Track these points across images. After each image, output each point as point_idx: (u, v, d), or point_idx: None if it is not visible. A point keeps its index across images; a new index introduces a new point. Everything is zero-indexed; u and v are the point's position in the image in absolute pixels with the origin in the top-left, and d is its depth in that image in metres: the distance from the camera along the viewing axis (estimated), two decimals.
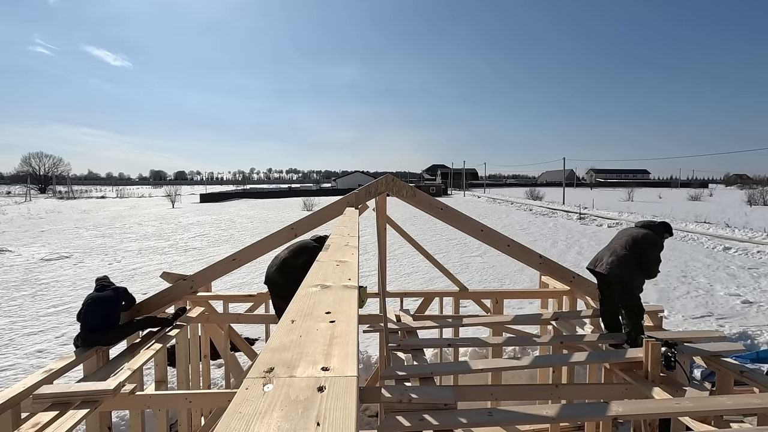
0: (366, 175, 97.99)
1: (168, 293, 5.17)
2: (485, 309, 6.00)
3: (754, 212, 35.69)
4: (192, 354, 5.48)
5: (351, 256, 2.08)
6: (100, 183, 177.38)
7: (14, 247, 18.78)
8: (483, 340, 4.81)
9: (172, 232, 24.57)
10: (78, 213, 37.92)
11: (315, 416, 0.70)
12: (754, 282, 12.72)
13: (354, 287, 1.51)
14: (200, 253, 17.65)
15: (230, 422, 0.69)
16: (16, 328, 8.93)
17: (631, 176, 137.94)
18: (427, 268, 13.22)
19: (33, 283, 12.74)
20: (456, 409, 2.79)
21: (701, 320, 9.37)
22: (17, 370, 6.98)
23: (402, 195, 5.42)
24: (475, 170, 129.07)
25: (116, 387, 3.34)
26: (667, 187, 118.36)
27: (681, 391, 3.29)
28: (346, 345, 1.00)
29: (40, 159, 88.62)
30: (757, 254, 16.88)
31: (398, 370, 3.47)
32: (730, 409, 2.90)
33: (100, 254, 17.43)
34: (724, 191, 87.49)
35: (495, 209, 41.60)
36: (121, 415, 5.33)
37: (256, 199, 59.16)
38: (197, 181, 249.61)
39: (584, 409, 3.46)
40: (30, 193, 68.33)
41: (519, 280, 12.72)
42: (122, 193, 76.89)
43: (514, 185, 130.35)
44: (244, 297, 5.97)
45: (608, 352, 4.07)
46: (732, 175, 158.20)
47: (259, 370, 0.88)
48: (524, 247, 5.53)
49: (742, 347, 4.19)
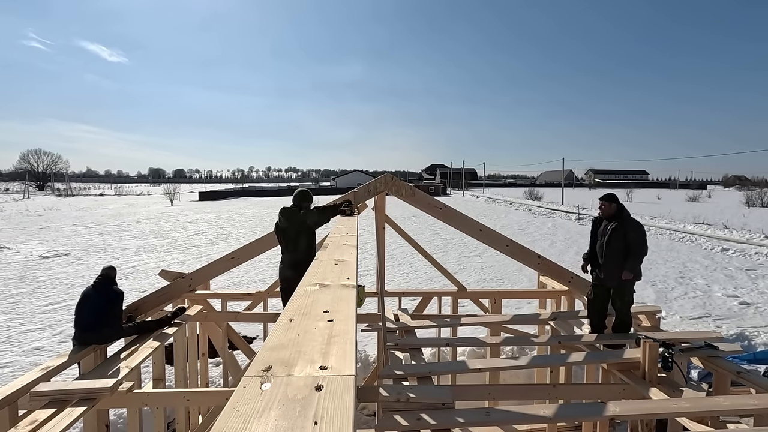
0: (365, 174, 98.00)
1: (166, 291, 5.17)
2: (483, 309, 6.01)
3: (752, 213, 35.78)
4: (190, 352, 5.47)
5: (349, 255, 2.08)
6: (98, 180, 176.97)
7: (12, 245, 18.74)
8: (481, 340, 4.82)
9: (171, 230, 24.53)
10: (76, 210, 37.85)
11: (313, 415, 0.70)
12: (752, 283, 12.75)
13: (352, 286, 1.51)
14: (199, 251, 17.63)
15: (228, 421, 0.69)
16: (13, 326, 8.91)
17: (629, 177, 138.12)
18: (425, 268, 13.22)
19: (31, 281, 12.71)
20: (453, 408, 2.79)
21: (699, 321, 9.39)
22: (15, 368, 6.97)
23: (401, 194, 5.43)
24: (474, 170, 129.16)
25: (114, 385, 3.33)
26: (665, 187, 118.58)
27: (678, 392, 3.29)
28: (344, 344, 1.00)
29: (39, 156, 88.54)
30: (754, 255, 16.92)
31: (396, 369, 3.47)
32: (727, 410, 2.90)
33: (99, 252, 17.40)
34: (723, 192, 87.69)
35: (494, 209, 41.63)
36: (118, 413, 5.32)
37: (255, 198, 59.14)
38: (196, 179, 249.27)
39: (581, 409, 3.47)
40: (28, 191, 68.18)
41: (517, 280, 12.73)
42: (121, 191, 76.76)
43: (513, 185, 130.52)
44: (242, 295, 5.97)
45: (606, 353, 4.08)
46: (730, 176, 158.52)
47: (257, 368, 0.88)
48: (523, 247, 5.54)
49: (739, 348, 4.20)
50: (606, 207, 4.48)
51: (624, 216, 4.43)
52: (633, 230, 4.35)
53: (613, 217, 4.45)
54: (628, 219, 4.43)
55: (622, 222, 4.39)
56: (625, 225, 4.37)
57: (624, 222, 4.39)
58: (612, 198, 4.50)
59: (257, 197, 60.54)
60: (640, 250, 4.32)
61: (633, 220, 4.46)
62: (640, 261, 4.35)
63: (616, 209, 4.45)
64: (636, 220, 4.50)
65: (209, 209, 39.58)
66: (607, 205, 4.48)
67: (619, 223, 4.38)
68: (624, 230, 4.34)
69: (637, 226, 4.40)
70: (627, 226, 4.37)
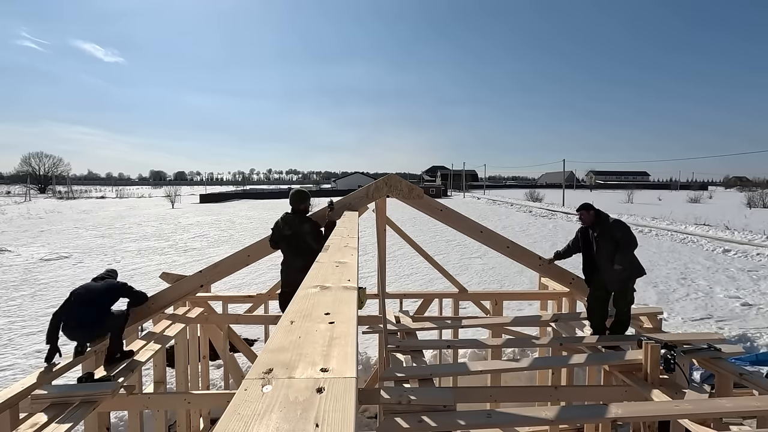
0: (366, 176, 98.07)
1: (181, 285, 5.08)
2: (485, 310, 6.00)
3: (754, 215, 35.69)
4: (191, 354, 5.47)
5: (350, 257, 2.08)
6: (99, 183, 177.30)
7: (14, 247, 18.76)
8: (482, 342, 4.81)
9: (172, 232, 24.55)
10: (77, 213, 37.89)
11: (314, 417, 0.70)
12: (754, 284, 12.72)
13: (353, 288, 1.51)
14: (200, 253, 17.64)
15: (229, 423, 0.69)
16: (15, 328, 8.91)
17: (630, 178, 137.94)
18: (426, 270, 13.20)
19: (32, 283, 12.72)
20: (455, 410, 2.78)
21: (701, 322, 9.36)
22: (16, 370, 6.97)
23: (400, 192, 5.38)
24: (474, 172, 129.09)
25: (115, 387, 3.34)
26: (666, 189, 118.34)
27: (680, 394, 3.29)
28: (345, 346, 1.00)
29: (40, 159, 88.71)
30: (756, 256, 16.87)
31: (397, 371, 3.46)
32: (730, 412, 2.90)
33: (100, 254, 17.41)
34: (724, 193, 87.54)
35: (495, 211, 41.61)
36: (119, 416, 5.31)
37: (256, 200, 59.17)
38: (197, 181, 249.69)
39: (583, 411, 3.46)
40: (29, 193, 68.28)
41: (518, 281, 12.71)
42: (122, 194, 76.80)
43: (513, 187, 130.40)
44: (243, 298, 5.97)
45: (608, 354, 4.07)
46: (731, 177, 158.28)
47: (258, 371, 0.88)
48: (524, 249, 5.53)
49: (741, 350, 4.19)
50: (585, 215, 4.65)
51: (603, 219, 4.59)
52: (617, 230, 4.49)
53: (595, 224, 4.60)
54: (607, 222, 4.57)
55: (604, 227, 4.54)
56: (609, 228, 4.52)
57: (606, 226, 4.54)
58: (588, 206, 4.68)
59: (258, 199, 60.57)
60: (628, 245, 4.42)
61: (614, 221, 4.61)
62: (630, 253, 4.43)
63: (595, 216, 4.61)
64: (616, 219, 4.66)
65: (210, 211, 39.61)
66: (585, 214, 4.65)
67: (602, 229, 4.54)
68: (609, 233, 4.49)
69: (619, 225, 4.55)
70: (611, 229, 4.51)
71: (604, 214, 4.64)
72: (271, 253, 5.27)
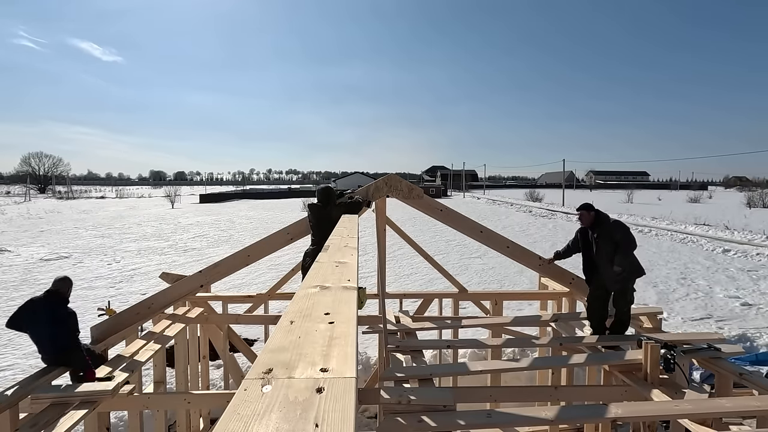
0: (366, 176, 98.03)
1: (181, 285, 5.09)
2: (485, 310, 6.00)
3: (754, 214, 35.70)
4: (191, 355, 5.47)
5: (350, 257, 2.07)
6: (99, 183, 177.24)
7: (13, 247, 18.76)
8: (482, 342, 4.81)
9: (172, 232, 24.55)
10: (77, 213, 37.89)
11: (314, 417, 0.70)
12: (754, 284, 12.72)
13: (353, 288, 1.51)
14: (200, 253, 17.64)
15: (228, 423, 0.69)
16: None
17: (630, 178, 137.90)
18: (426, 270, 13.20)
19: (32, 284, 12.72)
20: (455, 410, 2.78)
21: (700, 322, 9.36)
22: (16, 371, 6.97)
23: (400, 192, 5.39)
24: (474, 171, 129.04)
25: (115, 387, 3.34)
26: (666, 188, 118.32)
27: (680, 393, 3.29)
28: (345, 346, 1.00)
29: (40, 159, 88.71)
30: (756, 256, 16.88)
31: (397, 371, 3.46)
32: (729, 412, 2.90)
33: (100, 254, 17.41)
34: (724, 193, 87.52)
35: (495, 211, 41.62)
36: (119, 416, 5.31)
37: (256, 200, 59.13)
38: (197, 181, 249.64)
39: (583, 411, 3.46)
40: (29, 193, 68.26)
41: (518, 281, 12.72)
42: (122, 194, 76.75)
43: (513, 186, 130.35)
44: (243, 298, 5.97)
45: (607, 354, 4.07)
46: (731, 177, 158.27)
47: (258, 371, 0.88)
48: (524, 249, 5.53)
49: (741, 350, 4.19)
50: (585, 216, 4.62)
51: (603, 220, 4.57)
52: (616, 231, 4.48)
53: (594, 225, 4.59)
54: (607, 223, 4.56)
55: (604, 228, 4.53)
56: (608, 229, 4.51)
57: (606, 227, 4.53)
58: (588, 207, 4.66)
59: (258, 199, 60.54)
60: (628, 246, 4.42)
61: (613, 222, 4.60)
62: (630, 254, 4.42)
63: (595, 217, 4.59)
64: (616, 220, 4.65)
65: (210, 211, 39.61)
66: (585, 214, 4.62)
67: (602, 230, 4.52)
68: (609, 234, 4.47)
69: (618, 226, 4.54)
70: (610, 230, 4.50)
71: (604, 215, 4.62)
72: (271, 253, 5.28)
